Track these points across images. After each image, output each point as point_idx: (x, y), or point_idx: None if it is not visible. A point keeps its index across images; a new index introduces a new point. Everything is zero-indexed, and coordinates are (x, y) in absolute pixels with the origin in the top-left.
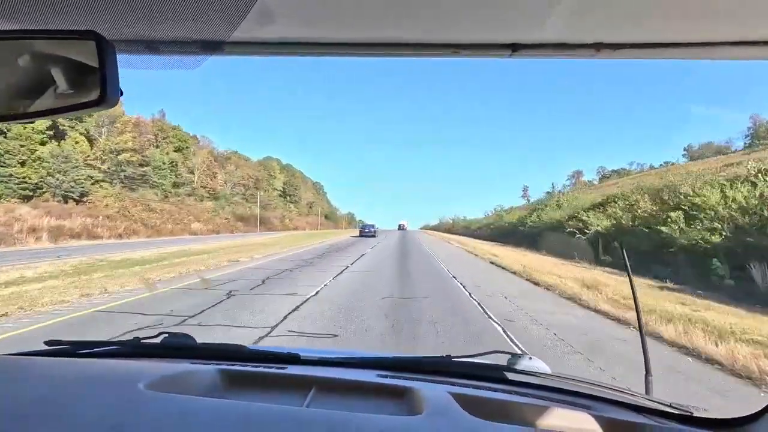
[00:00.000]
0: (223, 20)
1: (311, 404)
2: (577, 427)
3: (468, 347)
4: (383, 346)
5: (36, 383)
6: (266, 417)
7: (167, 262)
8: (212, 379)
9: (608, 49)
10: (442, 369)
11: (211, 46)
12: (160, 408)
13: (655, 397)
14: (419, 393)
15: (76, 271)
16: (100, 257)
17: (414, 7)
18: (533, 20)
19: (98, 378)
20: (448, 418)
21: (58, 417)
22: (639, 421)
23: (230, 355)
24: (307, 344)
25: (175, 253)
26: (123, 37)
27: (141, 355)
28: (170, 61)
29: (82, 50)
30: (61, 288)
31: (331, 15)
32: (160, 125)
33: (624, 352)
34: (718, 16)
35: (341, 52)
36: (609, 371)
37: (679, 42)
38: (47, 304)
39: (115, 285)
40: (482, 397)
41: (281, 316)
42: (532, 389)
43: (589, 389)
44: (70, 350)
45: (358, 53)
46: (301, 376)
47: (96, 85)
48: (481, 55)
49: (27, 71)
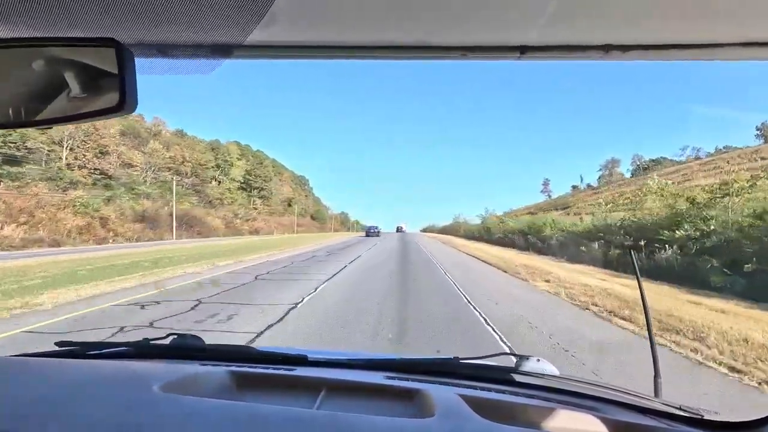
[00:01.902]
0: (236, 25)
1: (322, 406)
2: (584, 429)
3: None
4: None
5: (48, 384)
6: (278, 418)
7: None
8: (222, 380)
9: (617, 51)
10: (449, 371)
11: (223, 51)
12: (170, 409)
13: (664, 399)
14: (428, 395)
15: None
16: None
17: (424, 11)
18: (542, 22)
19: (110, 379)
20: (460, 420)
21: (68, 418)
22: (647, 424)
23: (239, 356)
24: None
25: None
26: (136, 41)
27: (150, 356)
28: (183, 65)
29: (101, 57)
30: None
31: (341, 19)
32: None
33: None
34: (728, 17)
35: (349, 55)
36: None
37: (688, 43)
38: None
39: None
40: (490, 399)
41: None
42: (539, 391)
43: (596, 391)
44: (80, 351)
45: (367, 56)
46: (310, 378)
47: (114, 90)
48: (490, 57)
49: (46, 78)
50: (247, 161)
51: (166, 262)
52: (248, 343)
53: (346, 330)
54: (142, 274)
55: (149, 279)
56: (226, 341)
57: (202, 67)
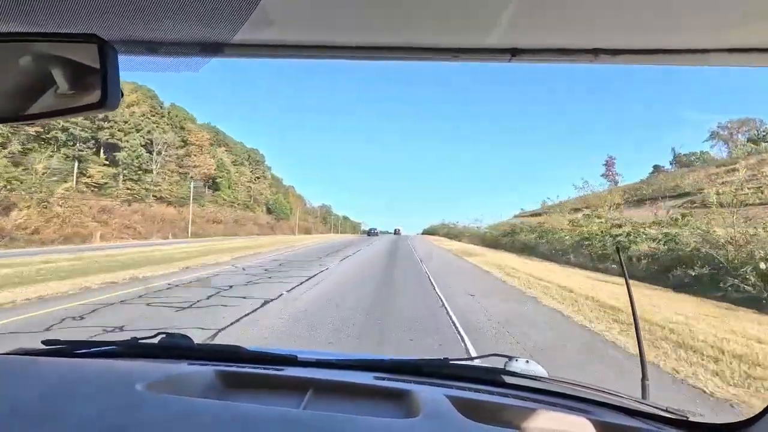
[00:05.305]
0: (225, 23)
1: (308, 406)
2: (572, 431)
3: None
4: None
5: (34, 383)
6: (263, 418)
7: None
8: (210, 380)
9: (607, 55)
10: (439, 372)
11: (211, 49)
12: (157, 409)
13: (651, 401)
14: (416, 395)
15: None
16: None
17: (414, 12)
18: (533, 25)
19: (96, 378)
20: (444, 421)
21: (56, 417)
22: (634, 425)
23: (227, 356)
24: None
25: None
26: (123, 38)
27: (138, 356)
28: (171, 63)
29: (84, 52)
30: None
31: (331, 19)
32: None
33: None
34: (714, 24)
35: (340, 55)
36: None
37: (676, 48)
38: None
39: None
40: (479, 400)
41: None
42: (528, 392)
43: (585, 393)
44: (68, 350)
45: (358, 56)
46: (298, 378)
47: (97, 86)
48: (481, 59)
49: (29, 73)
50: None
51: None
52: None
53: None
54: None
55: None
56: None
57: (191, 65)
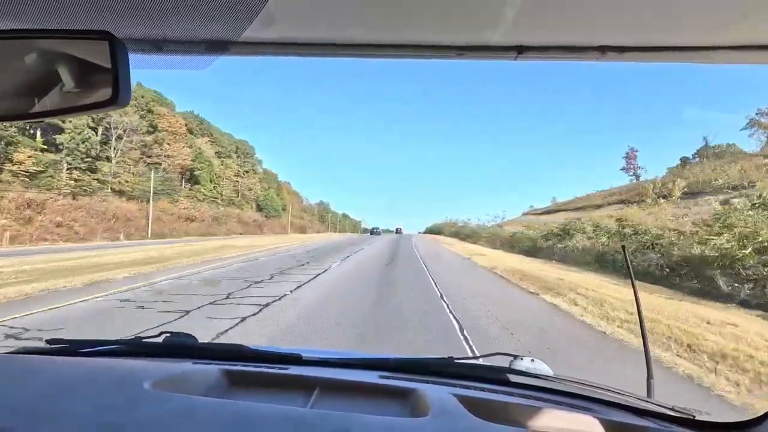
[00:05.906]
0: (231, 21)
1: (315, 405)
2: (578, 430)
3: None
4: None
5: (39, 382)
6: (271, 417)
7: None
8: (215, 378)
9: (614, 52)
10: (444, 370)
11: (218, 47)
12: (164, 407)
13: (657, 399)
14: (422, 394)
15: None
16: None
17: (419, 10)
18: (539, 23)
19: (101, 377)
20: (455, 419)
21: (61, 415)
22: (640, 424)
23: (232, 354)
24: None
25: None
26: (131, 36)
27: (142, 355)
28: (178, 61)
29: (94, 50)
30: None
31: (335, 17)
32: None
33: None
34: (723, 21)
35: (344, 53)
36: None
37: (683, 46)
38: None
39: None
40: (486, 399)
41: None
42: (533, 391)
43: (590, 391)
44: (72, 349)
45: (363, 54)
46: (304, 377)
47: (107, 84)
48: (486, 57)
49: (39, 70)
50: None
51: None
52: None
53: None
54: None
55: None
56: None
57: (197, 63)
